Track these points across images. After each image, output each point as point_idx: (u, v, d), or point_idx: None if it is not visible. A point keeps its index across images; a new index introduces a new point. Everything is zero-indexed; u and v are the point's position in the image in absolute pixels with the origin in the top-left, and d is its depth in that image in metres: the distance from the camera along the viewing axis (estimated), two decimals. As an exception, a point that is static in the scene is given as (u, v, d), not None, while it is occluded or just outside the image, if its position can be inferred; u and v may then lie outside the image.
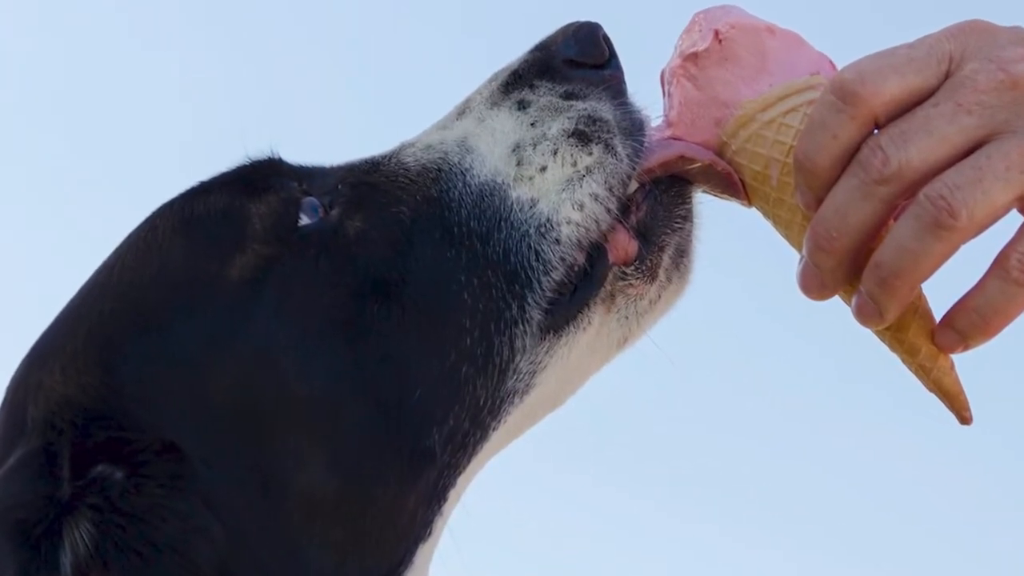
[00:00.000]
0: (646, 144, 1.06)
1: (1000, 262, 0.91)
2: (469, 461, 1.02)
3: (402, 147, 1.10)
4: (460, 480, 1.03)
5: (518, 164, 1.06)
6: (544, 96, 1.08)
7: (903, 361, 0.98)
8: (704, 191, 1.07)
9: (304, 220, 1.04)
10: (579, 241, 1.04)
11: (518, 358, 1.02)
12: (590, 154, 1.05)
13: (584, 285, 1.04)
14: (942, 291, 0.96)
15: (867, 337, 0.99)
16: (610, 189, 1.05)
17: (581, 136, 1.05)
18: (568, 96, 1.07)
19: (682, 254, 1.08)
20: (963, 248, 0.91)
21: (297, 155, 1.11)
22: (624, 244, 1.05)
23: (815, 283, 0.96)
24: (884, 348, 0.98)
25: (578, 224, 1.04)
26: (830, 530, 3.47)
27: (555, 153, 1.05)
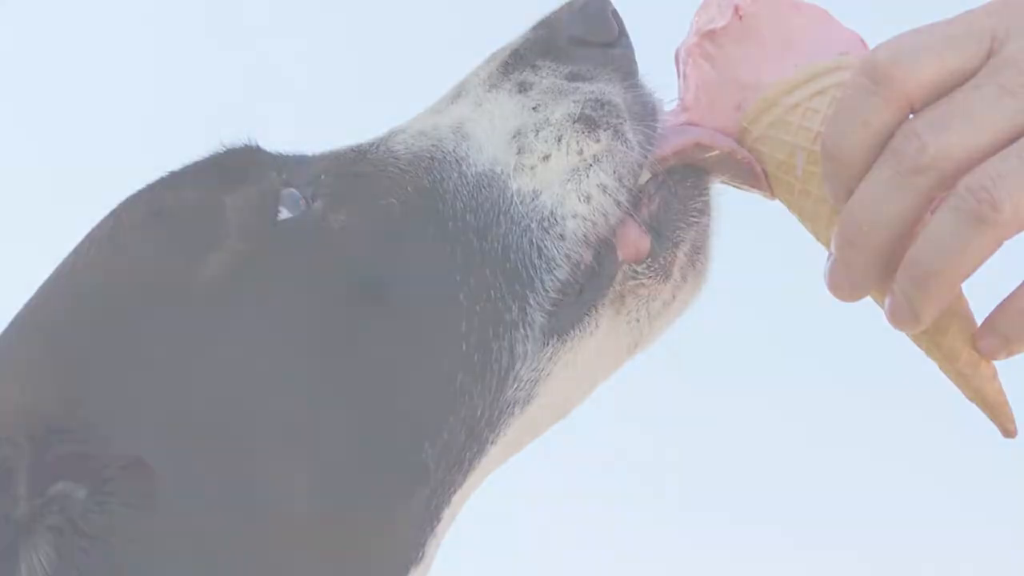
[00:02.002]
0: (659, 130, 1.06)
1: (1048, 259, 0.91)
2: (465, 478, 1.02)
3: (391, 134, 1.10)
4: (455, 499, 1.02)
5: (519, 152, 1.05)
6: (547, 78, 1.08)
7: (941, 368, 0.98)
8: (722, 182, 1.07)
9: (284, 214, 1.04)
10: (586, 236, 1.03)
11: (519, 365, 1.02)
12: (598, 141, 1.05)
13: (591, 285, 1.04)
14: (984, 292, 0.96)
15: (902, 340, 0.99)
16: (620, 179, 1.04)
17: (588, 121, 1.05)
18: (573, 77, 1.07)
19: (699, 251, 1.08)
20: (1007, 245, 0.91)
21: (276, 143, 1.11)
22: (635, 240, 1.05)
23: (845, 282, 0.96)
24: (920, 353, 0.98)
25: (584, 218, 1.03)
26: (856, 542, 3.47)
27: (559, 140, 1.05)
